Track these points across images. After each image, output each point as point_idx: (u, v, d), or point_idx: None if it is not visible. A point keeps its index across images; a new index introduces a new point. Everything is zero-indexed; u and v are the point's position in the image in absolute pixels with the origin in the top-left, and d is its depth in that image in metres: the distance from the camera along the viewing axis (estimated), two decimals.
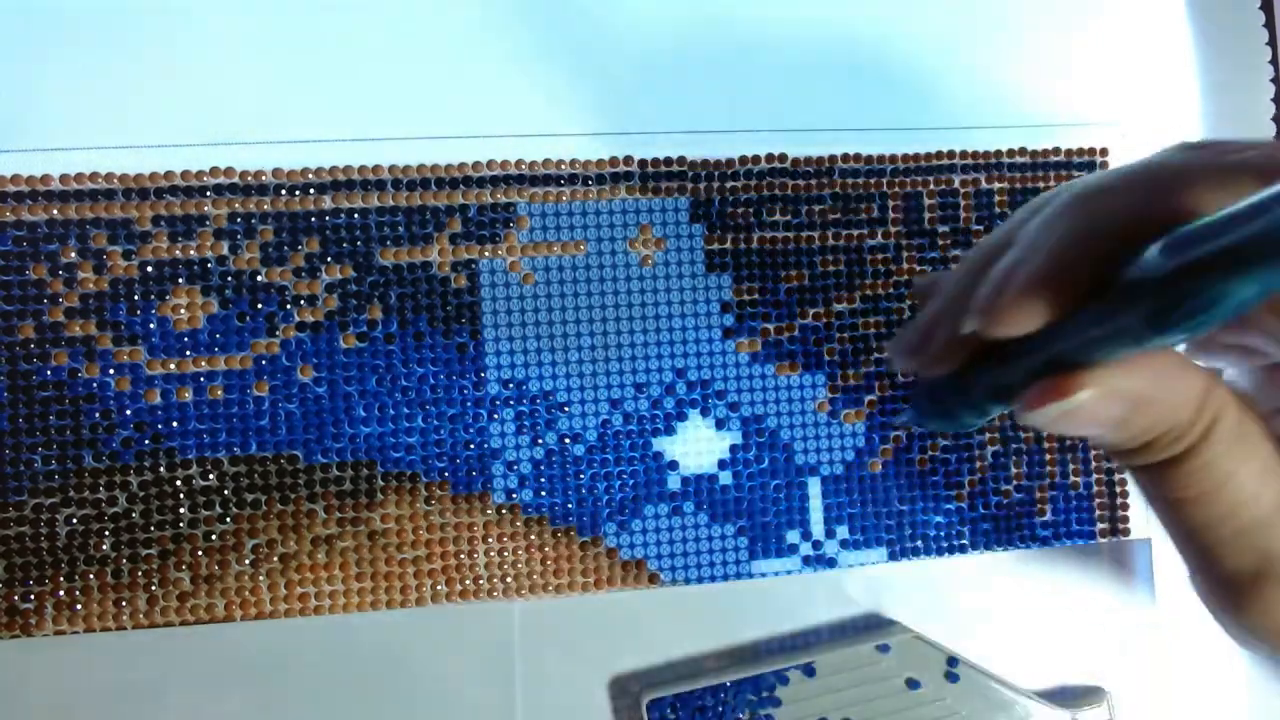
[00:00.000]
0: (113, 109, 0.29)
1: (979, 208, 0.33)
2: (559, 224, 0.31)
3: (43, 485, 0.28)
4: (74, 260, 0.29)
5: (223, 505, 0.29)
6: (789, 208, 0.32)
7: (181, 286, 0.29)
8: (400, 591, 0.29)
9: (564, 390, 0.31)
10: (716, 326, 0.31)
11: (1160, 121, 0.34)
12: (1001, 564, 0.33)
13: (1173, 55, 0.35)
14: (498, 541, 0.30)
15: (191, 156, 0.29)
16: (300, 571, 0.29)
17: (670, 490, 0.31)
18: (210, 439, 0.29)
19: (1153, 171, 0.18)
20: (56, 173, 0.29)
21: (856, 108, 0.33)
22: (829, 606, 0.32)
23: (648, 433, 0.31)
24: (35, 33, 0.29)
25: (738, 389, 0.31)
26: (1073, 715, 0.32)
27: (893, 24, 0.33)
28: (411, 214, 0.30)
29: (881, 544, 0.32)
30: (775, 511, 0.31)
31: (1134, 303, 0.16)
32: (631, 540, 0.31)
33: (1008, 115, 0.33)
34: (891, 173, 0.32)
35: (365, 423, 0.30)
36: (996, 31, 0.33)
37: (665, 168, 0.31)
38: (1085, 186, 0.19)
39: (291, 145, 0.30)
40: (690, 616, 0.31)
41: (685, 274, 0.31)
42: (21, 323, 0.28)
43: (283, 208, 0.30)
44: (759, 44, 0.32)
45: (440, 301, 0.30)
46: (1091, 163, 0.33)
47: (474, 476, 0.30)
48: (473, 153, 0.30)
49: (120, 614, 0.28)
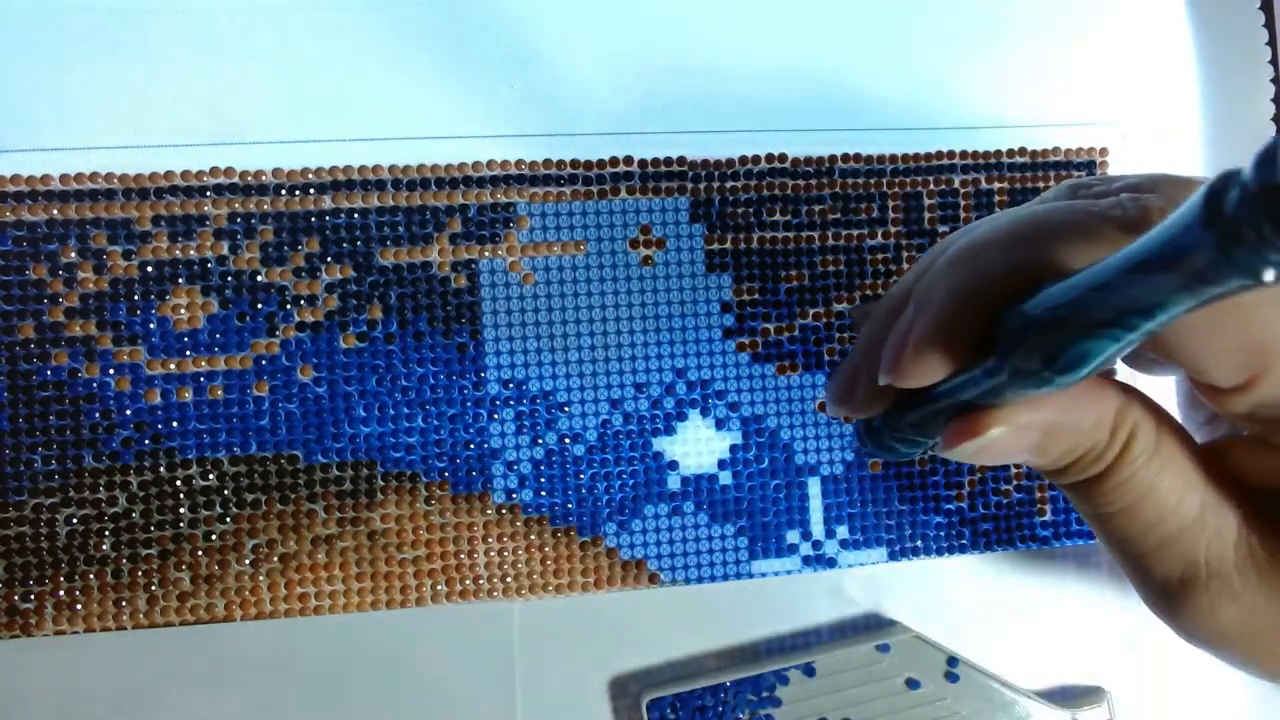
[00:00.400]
0: (113, 109, 0.29)
1: (979, 208, 0.33)
2: (559, 224, 0.31)
3: (43, 485, 0.28)
4: (74, 260, 0.29)
5: (223, 505, 0.29)
6: (789, 208, 0.32)
7: (181, 286, 0.29)
8: (400, 591, 0.29)
9: (564, 390, 0.31)
10: (716, 326, 0.31)
11: (1160, 121, 0.34)
12: (1001, 564, 0.33)
13: (1173, 55, 0.35)
14: (498, 541, 0.30)
15: (191, 156, 0.29)
16: (300, 571, 0.29)
17: (670, 490, 0.31)
18: (210, 439, 0.29)
19: (1028, 226, 0.19)
20: (56, 173, 0.29)
21: (856, 108, 0.33)
22: (829, 606, 0.32)
23: (648, 433, 0.31)
24: (35, 33, 0.29)
25: (738, 389, 0.31)
26: (1073, 715, 0.32)
27: (892, 24, 0.33)
28: (411, 214, 0.30)
29: (881, 544, 0.32)
30: (775, 511, 0.31)
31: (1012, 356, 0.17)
32: (631, 540, 0.31)
33: (1008, 115, 0.33)
34: (891, 173, 0.32)
35: (365, 423, 0.30)
36: (996, 32, 0.33)
37: (665, 168, 0.31)
38: (970, 242, 0.19)
39: (291, 145, 0.30)
40: (690, 616, 0.31)
41: (685, 274, 0.31)
42: (21, 323, 0.28)
43: (283, 208, 0.30)
44: (759, 44, 0.32)
45: (440, 301, 0.30)
46: (1091, 162, 0.33)
47: (474, 476, 0.30)
48: (473, 153, 0.30)
49: (120, 614, 0.28)
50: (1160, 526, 0.20)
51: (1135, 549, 0.21)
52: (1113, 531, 0.21)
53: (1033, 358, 0.17)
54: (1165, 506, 0.20)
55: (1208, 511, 0.20)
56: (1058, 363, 0.16)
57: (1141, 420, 0.20)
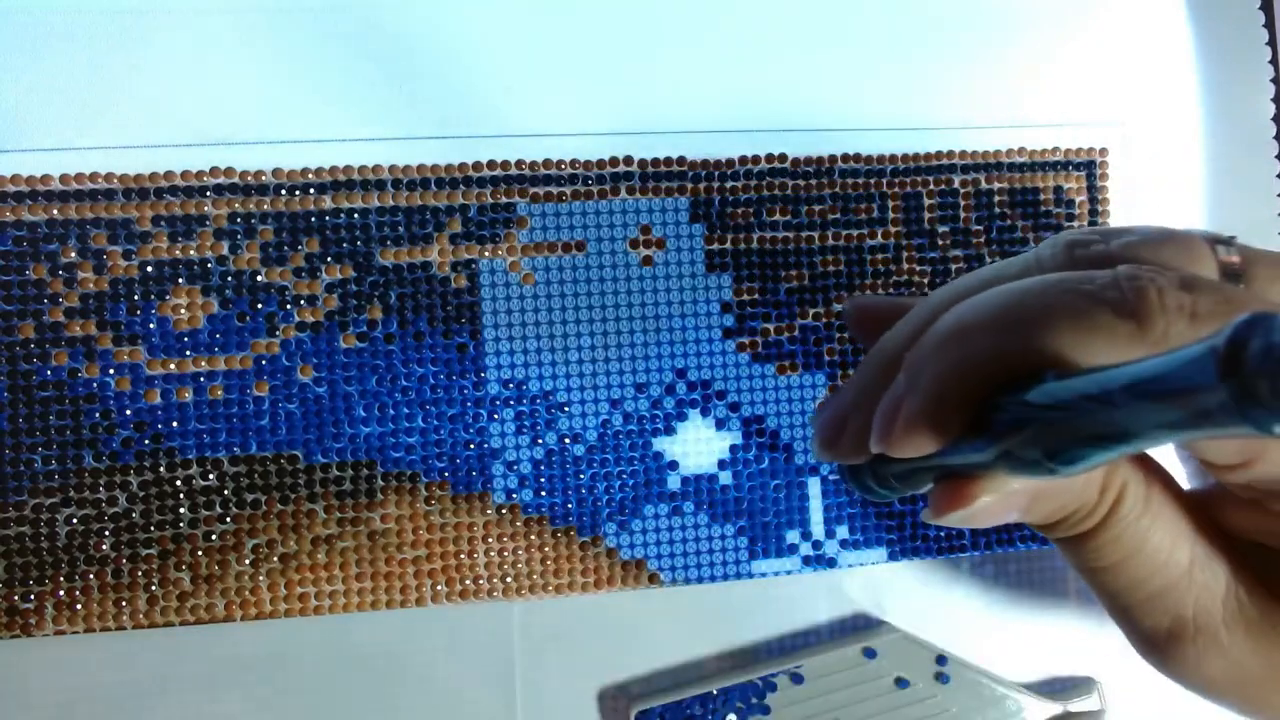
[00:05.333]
0: (113, 109, 0.29)
1: (978, 208, 0.33)
2: (559, 224, 0.31)
3: (43, 485, 0.28)
4: (74, 260, 0.29)
5: (223, 505, 0.29)
6: (789, 208, 0.32)
7: (181, 286, 0.29)
8: (400, 591, 0.29)
9: (564, 390, 0.31)
10: (716, 326, 0.31)
11: (1160, 121, 0.34)
12: (1001, 564, 0.33)
13: (1173, 55, 0.35)
14: (498, 541, 0.30)
15: (191, 156, 0.29)
16: (300, 571, 0.29)
17: (670, 490, 0.31)
18: (210, 439, 0.29)
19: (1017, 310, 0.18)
20: (56, 173, 0.29)
21: (856, 108, 0.33)
22: (829, 606, 0.32)
23: (648, 433, 0.31)
24: (35, 32, 0.29)
25: (738, 389, 0.31)
26: (1064, 707, 0.32)
27: (892, 24, 0.33)
28: (411, 214, 0.30)
29: (881, 544, 0.32)
30: (775, 511, 0.31)
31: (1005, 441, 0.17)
32: (631, 540, 0.31)
33: (1008, 115, 0.33)
34: (891, 173, 0.32)
35: (365, 423, 0.30)
36: (996, 31, 0.33)
37: (665, 168, 0.31)
38: (959, 323, 0.19)
39: (291, 145, 0.30)
40: (689, 617, 0.31)
41: (685, 274, 0.31)
42: (21, 323, 0.28)
43: (283, 208, 0.30)
44: (759, 44, 0.32)
45: (440, 301, 0.30)
46: (1091, 162, 0.33)
47: (474, 476, 0.30)
48: (473, 153, 0.30)
49: (120, 614, 0.28)
50: (1148, 583, 0.21)
51: (1123, 602, 0.21)
52: (1101, 585, 0.21)
53: (1031, 450, 0.16)
54: (1154, 562, 0.20)
55: (1196, 566, 0.20)
56: (1058, 458, 0.16)
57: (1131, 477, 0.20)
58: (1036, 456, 0.16)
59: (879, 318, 0.24)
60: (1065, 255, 0.20)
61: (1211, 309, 0.16)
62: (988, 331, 0.18)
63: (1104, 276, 0.17)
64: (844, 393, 0.22)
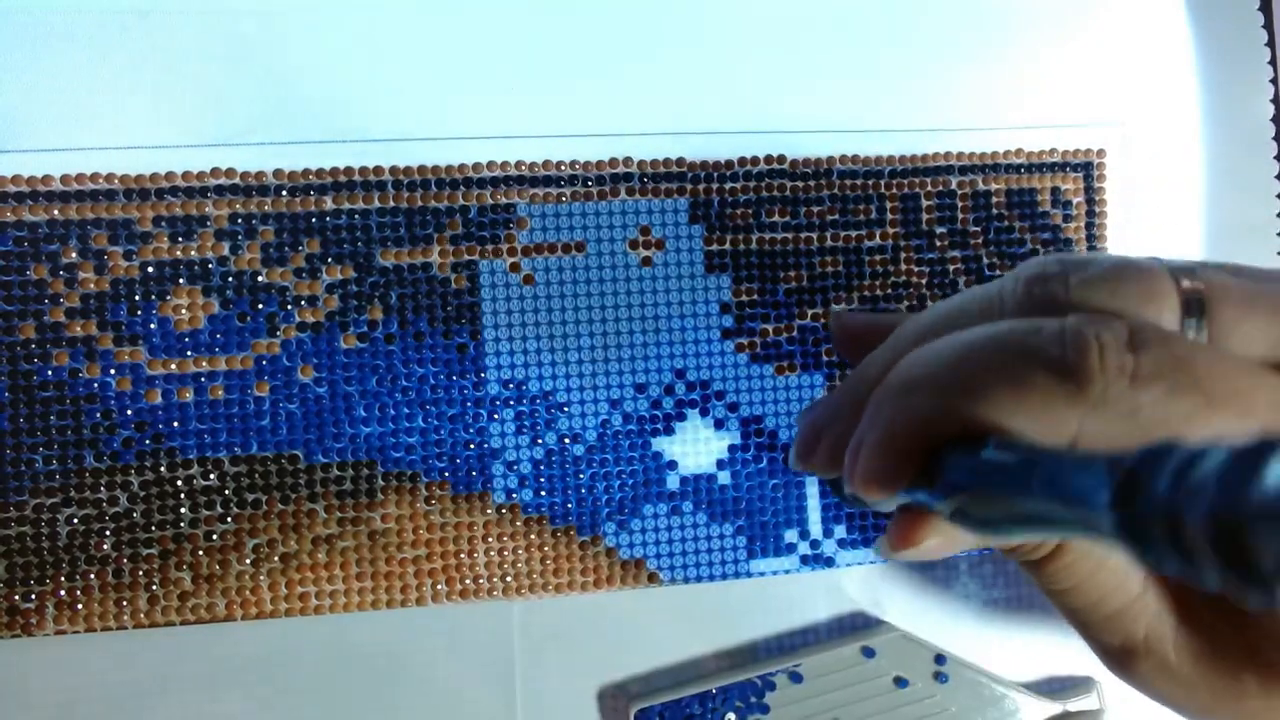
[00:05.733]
0: (113, 109, 0.29)
1: (976, 209, 0.33)
2: (559, 225, 0.31)
3: (43, 485, 0.28)
4: (74, 260, 0.29)
5: (223, 505, 0.29)
6: (788, 209, 0.32)
7: (182, 287, 0.29)
8: (400, 591, 0.29)
9: (564, 390, 0.31)
10: (716, 327, 0.31)
11: (1160, 121, 0.34)
12: (1000, 564, 0.33)
13: (1172, 55, 0.35)
14: (498, 541, 0.30)
15: (192, 157, 0.29)
16: (300, 571, 0.29)
17: (669, 490, 0.31)
18: (211, 439, 0.29)
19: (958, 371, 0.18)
20: (57, 173, 0.29)
21: (855, 109, 0.33)
22: (827, 606, 0.32)
23: (647, 433, 0.31)
24: (35, 32, 0.29)
25: (737, 389, 0.31)
26: (1063, 706, 0.32)
27: (891, 25, 0.33)
28: (412, 215, 0.30)
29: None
30: (773, 511, 0.31)
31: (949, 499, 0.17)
32: (631, 540, 0.31)
33: (1006, 116, 0.33)
34: (889, 174, 0.32)
35: (365, 423, 0.30)
36: (995, 33, 0.33)
37: (665, 168, 0.31)
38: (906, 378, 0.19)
39: (292, 146, 0.30)
40: (688, 616, 0.31)
41: (685, 274, 0.31)
42: (22, 323, 0.28)
43: (283, 208, 0.30)
44: (759, 44, 0.32)
45: (440, 302, 0.30)
46: (1089, 163, 0.33)
47: (474, 476, 0.30)
48: (473, 153, 0.30)
49: (121, 614, 0.28)
50: (1103, 605, 0.21)
51: (1082, 619, 0.22)
52: (1061, 604, 0.22)
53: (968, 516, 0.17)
54: (1108, 586, 0.21)
55: (1149, 593, 0.21)
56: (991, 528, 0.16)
57: None
58: (973, 523, 0.17)
59: (858, 337, 0.25)
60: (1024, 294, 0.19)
61: (1154, 370, 0.16)
62: (930, 392, 0.18)
63: (1050, 329, 0.17)
64: (821, 409, 0.22)
